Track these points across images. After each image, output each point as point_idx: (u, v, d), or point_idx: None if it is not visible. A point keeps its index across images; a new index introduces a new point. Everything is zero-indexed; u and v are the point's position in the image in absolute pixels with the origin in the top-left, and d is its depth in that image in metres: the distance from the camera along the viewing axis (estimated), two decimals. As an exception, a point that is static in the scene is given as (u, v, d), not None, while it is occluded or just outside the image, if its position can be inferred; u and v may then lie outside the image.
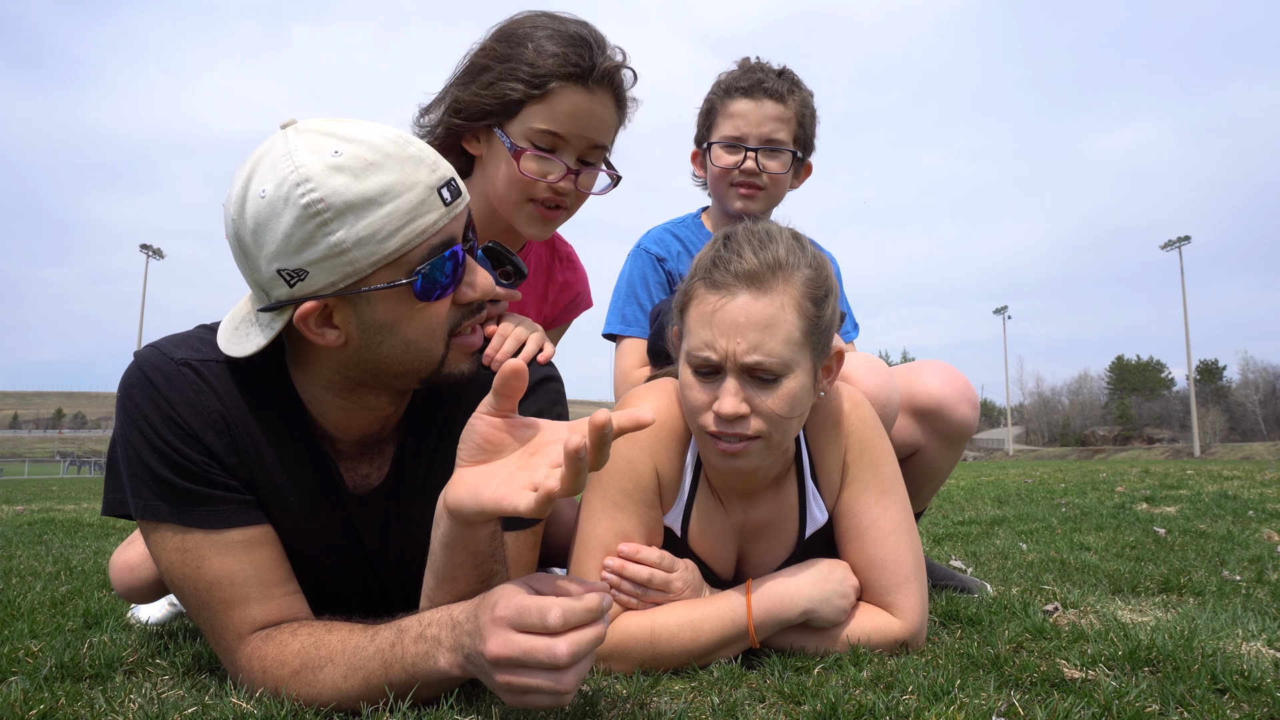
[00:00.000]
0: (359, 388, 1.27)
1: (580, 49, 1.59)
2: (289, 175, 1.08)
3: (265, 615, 1.22)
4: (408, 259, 1.14)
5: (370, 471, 1.37)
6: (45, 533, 4.69)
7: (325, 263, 1.10)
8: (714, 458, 1.43)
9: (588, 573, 1.45)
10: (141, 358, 1.24)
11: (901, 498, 1.56)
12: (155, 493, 1.19)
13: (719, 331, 1.35)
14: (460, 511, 1.06)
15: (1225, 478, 8.62)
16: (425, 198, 1.13)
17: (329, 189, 1.07)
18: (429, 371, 1.25)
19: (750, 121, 2.10)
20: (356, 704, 1.12)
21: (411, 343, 1.20)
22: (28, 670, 1.38)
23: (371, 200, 1.09)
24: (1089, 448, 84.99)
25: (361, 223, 1.09)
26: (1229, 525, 3.85)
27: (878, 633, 1.46)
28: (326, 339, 1.17)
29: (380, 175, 1.10)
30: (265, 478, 1.27)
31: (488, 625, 1.02)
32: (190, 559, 1.19)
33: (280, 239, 1.09)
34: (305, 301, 1.13)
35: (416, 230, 1.12)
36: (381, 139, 1.13)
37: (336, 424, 1.31)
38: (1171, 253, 57.22)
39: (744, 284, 1.35)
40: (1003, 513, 4.79)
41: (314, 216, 1.07)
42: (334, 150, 1.10)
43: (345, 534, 1.37)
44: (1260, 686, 1.20)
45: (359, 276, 1.12)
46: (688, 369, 1.41)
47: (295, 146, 1.11)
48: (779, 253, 1.38)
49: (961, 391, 1.91)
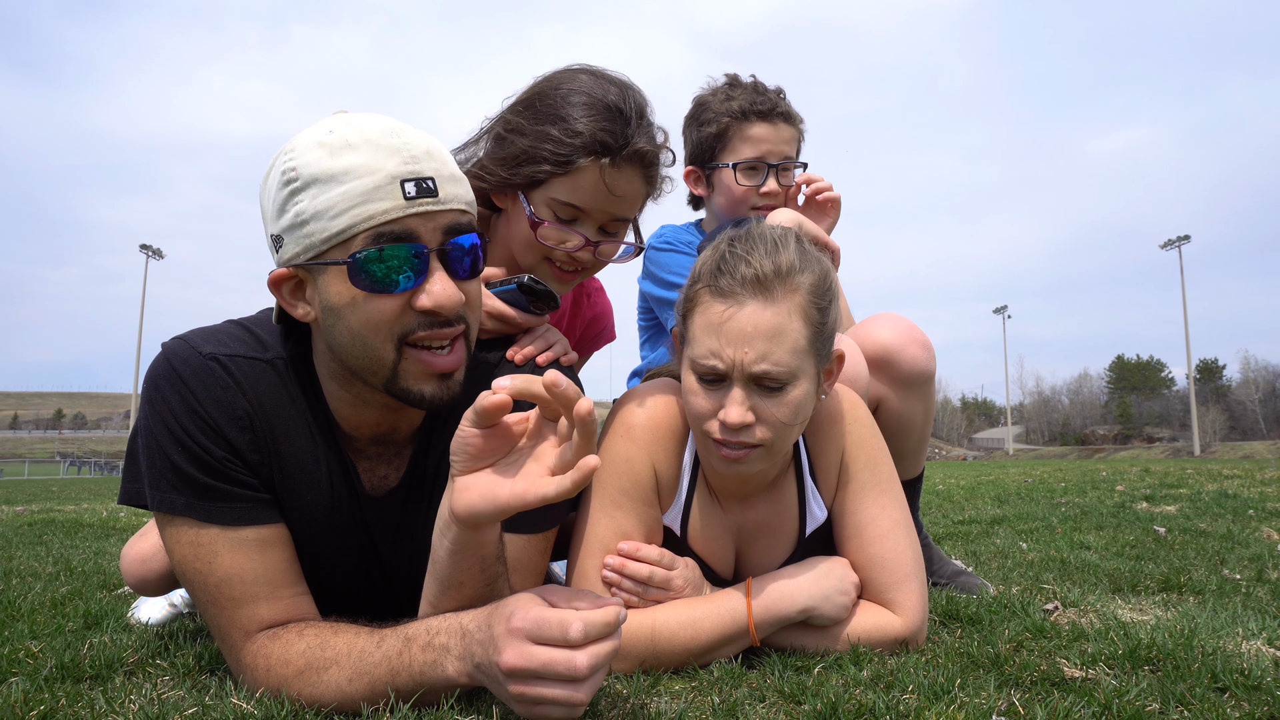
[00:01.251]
0: (352, 378, 1.27)
1: (612, 124, 1.51)
2: (286, 148, 1.16)
3: (273, 615, 1.22)
4: (352, 243, 1.14)
5: (388, 473, 1.38)
6: (45, 533, 4.69)
7: (292, 232, 1.16)
8: (717, 463, 1.43)
9: (588, 572, 1.45)
10: (169, 350, 1.24)
11: (899, 496, 1.56)
12: (174, 485, 1.20)
13: (726, 341, 1.33)
14: (474, 516, 1.05)
15: (1225, 476, 8.62)
16: (384, 184, 1.13)
17: (304, 160, 1.13)
18: (384, 376, 1.20)
19: (770, 144, 2.17)
20: (358, 705, 1.13)
21: (356, 334, 1.18)
22: (28, 671, 1.38)
23: (334, 176, 1.13)
24: (1089, 447, 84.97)
25: (321, 197, 1.13)
26: (1229, 524, 3.85)
27: (878, 631, 1.46)
28: (297, 311, 1.22)
29: (351, 156, 1.13)
30: (285, 476, 1.28)
31: (503, 636, 1.02)
32: (203, 554, 1.20)
33: (268, 204, 1.19)
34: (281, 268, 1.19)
35: (364, 214, 1.13)
36: (376, 128, 1.16)
37: (349, 420, 1.33)
38: (1171, 252, 57.37)
39: (751, 292, 1.33)
40: (1003, 512, 4.79)
41: (288, 184, 1.14)
42: (329, 130, 1.16)
43: (359, 535, 1.38)
44: (1260, 685, 1.20)
45: (315, 251, 1.16)
46: (692, 375, 1.39)
47: (314, 125, 1.18)
48: (785, 259, 1.35)
49: (908, 334, 1.93)
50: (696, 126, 2.25)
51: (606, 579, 1.44)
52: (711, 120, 2.20)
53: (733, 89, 2.22)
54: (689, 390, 1.40)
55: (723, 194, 2.22)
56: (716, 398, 1.36)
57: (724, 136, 2.19)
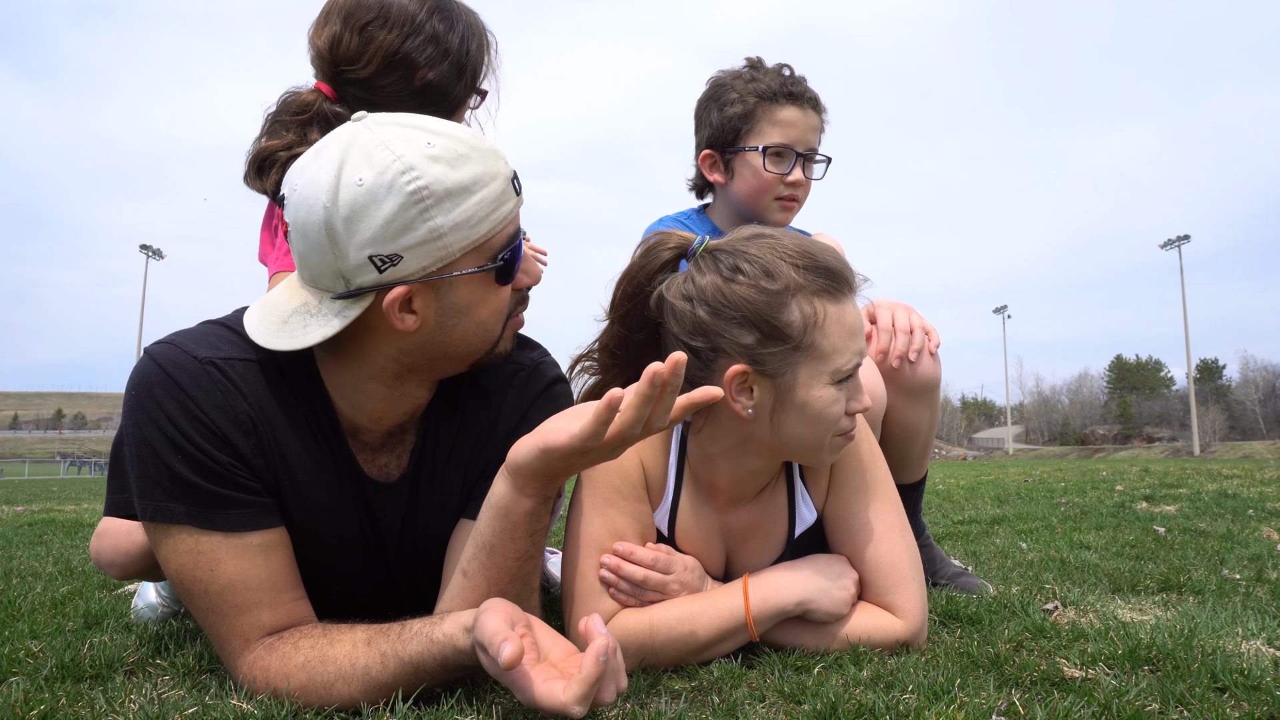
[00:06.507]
0: (409, 374, 1.30)
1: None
2: (391, 164, 1.13)
3: (274, 620, 1.22)
4: (490, 244, 1.22)
5: (389, 461, 1.38)
6: (45, 533, 4.69)
7: (421, 247, 1.15)
8: (829, 455, 1.45)
9: (585, 572, 1.45)
10: (160, 355, 1.21)
11: (893, 500, 1.56)
12: (171, 494, 1.18)
13: (858, 335, 1.38)
14: (518, 461, 1.19)
15: (1225, 476, 8.61)
16: (505, 188, 1.22)
17: (431, 177, 1.14)
18: (483, 352, 1.32)
19: (800, 131, 2.02)
20: (359, 706, 1.14)
21: (482, 324, 1.28)
22: (28, 671, 1.38)
23: (466, 188, 1.16)
24: (1089, 447, 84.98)
25: (458, 209, 1.16)
26: (1229, 524, 3.85)
27: (879, 632, 1.46)
28: (405, 324, 1.21)
29: (471, 165, 1.17)
30: (289, 477, 1.27)
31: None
32: (205, 561, 1.19)
33: (380, 224, 1.13)
34: (393, 287, 1.17)
35: (500, 217, 1.21)
36: (461, 133, 1.21)
37: (372, 415, 1.33)
38: (1170, 252, 57.29)
39: (850, 289, 1.40)
40: (1003, 512, 4.78)
41: (418, 203, 1.13)
42: (427, 142, 1.16)
43: (363, 528, 1.38)
44: (1260, 685, 1.20)
45: (449, 260, 1.18)
46: (830, 387, 1.36)
47: (388, 138, 1.15)
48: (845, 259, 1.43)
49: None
50: (718, 108, 2.06)
51: (604, 578, 1.44)
52: (736, 100, 2.02)
53: (756, 70, 2.07)
54: (832, 401, 1.37)
55: (745, 180, 2.05)
56: (844, 395, 1.39)
57: (750, 118, 2.02)
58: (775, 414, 1.38)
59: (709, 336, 1.37)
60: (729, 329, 1.35)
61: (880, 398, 1.79)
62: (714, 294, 1.35)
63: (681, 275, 1.43)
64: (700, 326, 1.37)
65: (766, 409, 1.38)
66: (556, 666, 1.07)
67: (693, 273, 1.41)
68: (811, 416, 1.37)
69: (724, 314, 1.35)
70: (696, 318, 1.37)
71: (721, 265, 1.37)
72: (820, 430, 1.39)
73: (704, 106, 2.13)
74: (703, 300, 1.37)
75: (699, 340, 1.38)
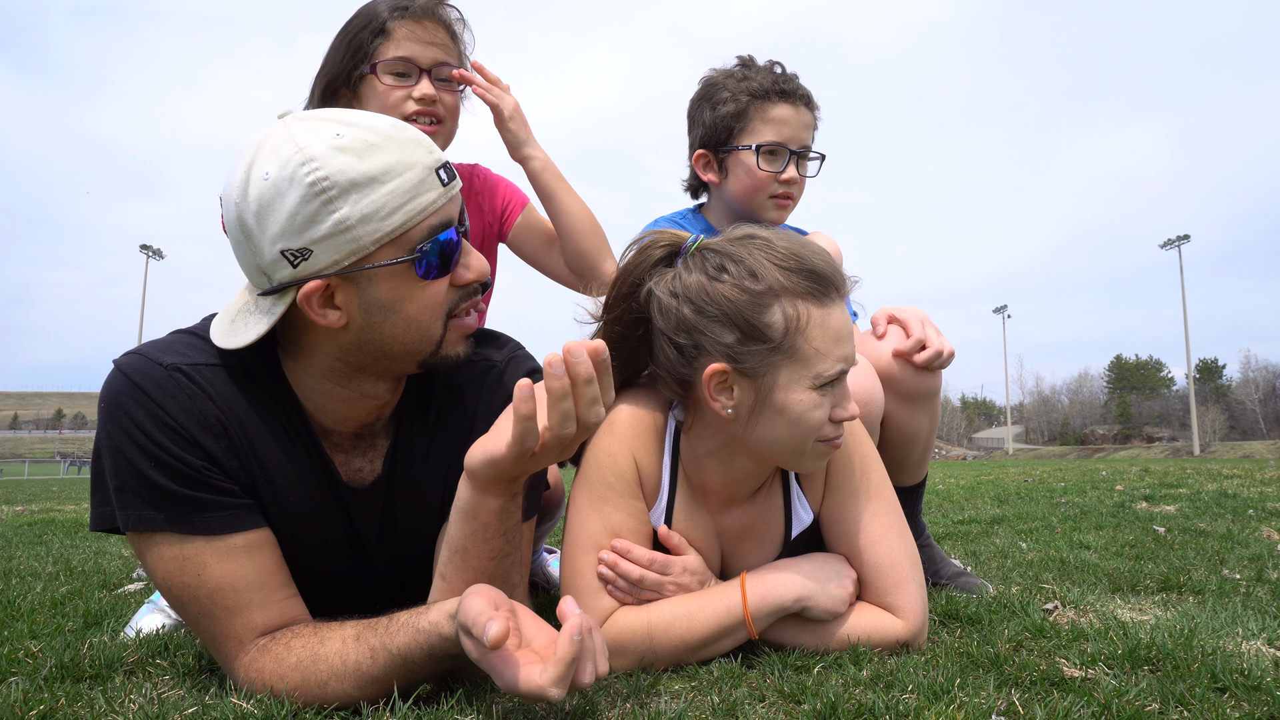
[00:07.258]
0: (358, 374, 1.28)
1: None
2: (293, 156, 1.11)
3: (267, 620, 1.21)
4: (409, 237, 1.17)
5: (363, 465, 1.37)
6: (45, 533, 4.69)
7: (329, 240, 1.13)
8: (813, 461, 1.43)
9: (582, 569, 1.45)
10: (127, 365, 1.21)
11: (890, 501, 1.56)
12: (149, 502, 1.17)
13: (845, 341, 1.36)
14: (471, 467, 1.16)
15: (1225, 476, 8.61)
16: (424, 177, 1.17)
17: (333, 167, 1.11)
18: (428, 353, 1.27)
19: (793, 128, 2.02)
20: (358, 704, 1.14)
21: (413, 321, 1.23)
22: (28, 671, 1.38)
23: (374, 178, 1.13)
24: (1089, 446, 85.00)
25: (365, 200, 1.12)
26: (1229, 524, 3.85)
27: (879, 632, 1.46)
28: (329, 320, 1.19)
29: (381, 155, 1.14)
30: (265, 478, 1.26)
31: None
32: (190, 567, 1.18)
33: (285, 218, 1.12)
34: (309, 282, 1.15)
35: (417, 208, 1.16)
36: (379, 123, 1.17)
37: (335, 415, 1.32)
38: (1170, 252, 57.27)
39: (839, 294, 1.38)
40: (1002, 512, 4.78)
41: (319, 194, 1.11)
42: (335, 133, 1.14)
43: (344, 529, 1.37)
44: (1260, 685, 1.20)
45: (362, 254, 1.15)
46: (813, 392, 1.35)
47: (296, 131, 1.14)
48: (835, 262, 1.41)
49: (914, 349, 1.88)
50: (710, 107, 2.06)
51: (603, 575, 1.44)
52: (729, 99, 2.02)
53: (748, 69, 2.04)
54: (809, 406, 1.35)
55: (739, 179, 2.05)
56: (827, 400, 1.37)
57: (743, 116, 2.02)
58: (754, 415, 1.38)
59: (691, 334, 1.37)
60: (711, 327, 1.35)
61: (878, 400, 1.78)
62: (698, 292, 1.36)
63: (671, 272, 1.43)
64: (684, 323, 1.37)
65: (746, 410, 1.38)
66: (539, 654, 1.06)
67: (681, 270, 1.41)
68: (791, 420, 1.36)
69: (706, 312, 1.35)
70: (680, 314, 1.37)
71: (709, 264, 1.38)
72: (800, 435, 1.38)
73: (696, 106, 2.13)
74: (687, 297, 1.37)
75: (682, 337, 1.38)
